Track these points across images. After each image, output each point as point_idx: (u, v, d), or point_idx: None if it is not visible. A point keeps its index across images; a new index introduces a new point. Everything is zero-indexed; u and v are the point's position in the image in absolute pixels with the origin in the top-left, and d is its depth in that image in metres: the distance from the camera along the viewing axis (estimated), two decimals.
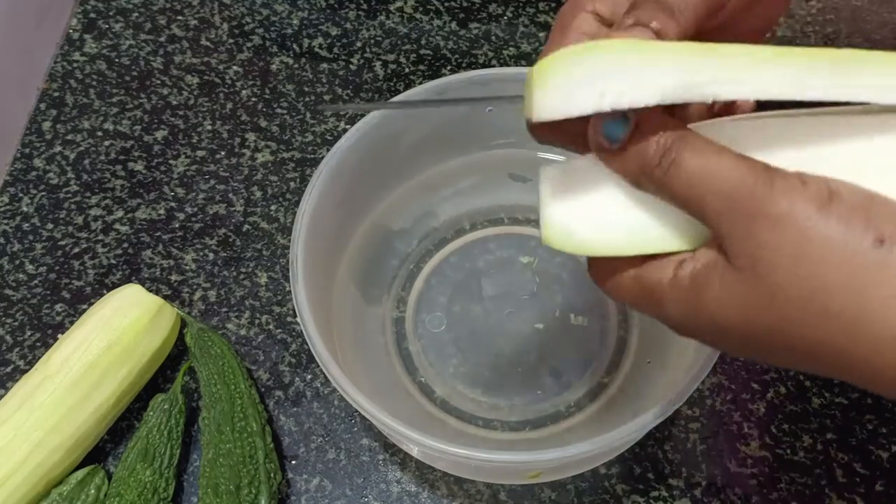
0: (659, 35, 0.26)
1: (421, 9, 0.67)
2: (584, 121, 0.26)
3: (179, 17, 0.67)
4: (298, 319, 0.42)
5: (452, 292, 0.52)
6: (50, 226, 0.57)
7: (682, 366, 0.43)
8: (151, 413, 0.47)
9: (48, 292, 0.54)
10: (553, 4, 0.67)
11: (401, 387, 0.48)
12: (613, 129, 0.26)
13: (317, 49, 0.65)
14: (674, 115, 0.28)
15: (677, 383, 0.40)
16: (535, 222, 0.54)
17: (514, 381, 0.49)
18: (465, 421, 0.48)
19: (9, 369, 0.51)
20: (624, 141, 0.26)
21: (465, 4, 0.67)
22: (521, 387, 0.48)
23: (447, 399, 0.48)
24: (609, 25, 0.29)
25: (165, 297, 0.52)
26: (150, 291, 0.49)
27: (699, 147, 0.25)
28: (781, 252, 0.23)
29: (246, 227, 0.57)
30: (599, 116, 0.25)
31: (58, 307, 0.54)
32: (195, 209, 0.57)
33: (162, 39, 0.66)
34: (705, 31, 0.28)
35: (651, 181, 0.26)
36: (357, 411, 0.45)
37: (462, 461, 0.39)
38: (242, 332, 0.53)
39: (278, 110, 0.62)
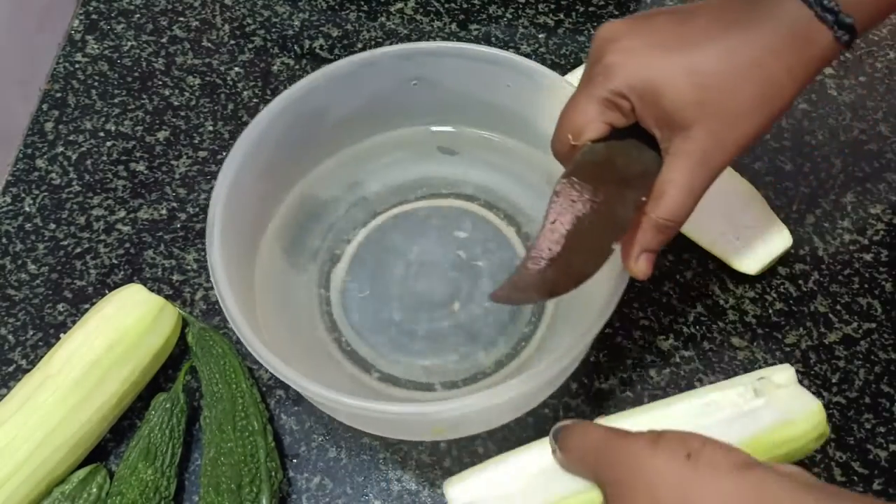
0: None
1: (421, 10, 0.67)
2: None
3: (181, 19, 0.67)
4: (212, 282, 0.42)
5: (379, 261, 0.52)
6: (52, 226, 0.57)
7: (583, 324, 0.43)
8: (153, 412, 0.47)
9: (50, 292, 0.54)
10: (552, 6, 0.68)
11: (325, 352, 0.49)
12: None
13: (318, 50, 0.65)
14: None
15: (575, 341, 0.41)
16: (464, 195, 0.54)
17: (436, 346, 0.49)
18: (392, 384, 0.48)
19: (11, 369, 0.52)
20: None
21: (465, 6, 0.68)
22: (443, 351, 0.49)
23: (374, 364, 0.49)
24: None
25: (167, 297, 0.52)
26: (152, 291, 0.49)
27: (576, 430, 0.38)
28: (628, 484, 0.34)
29: None
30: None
31: (60, 307, 0.54)
32: (197, 209, 0.58)
33: (164, 40, 0.66)
34: None
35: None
36: None
37: (360, 413, 0.41)
38: None
39: None
